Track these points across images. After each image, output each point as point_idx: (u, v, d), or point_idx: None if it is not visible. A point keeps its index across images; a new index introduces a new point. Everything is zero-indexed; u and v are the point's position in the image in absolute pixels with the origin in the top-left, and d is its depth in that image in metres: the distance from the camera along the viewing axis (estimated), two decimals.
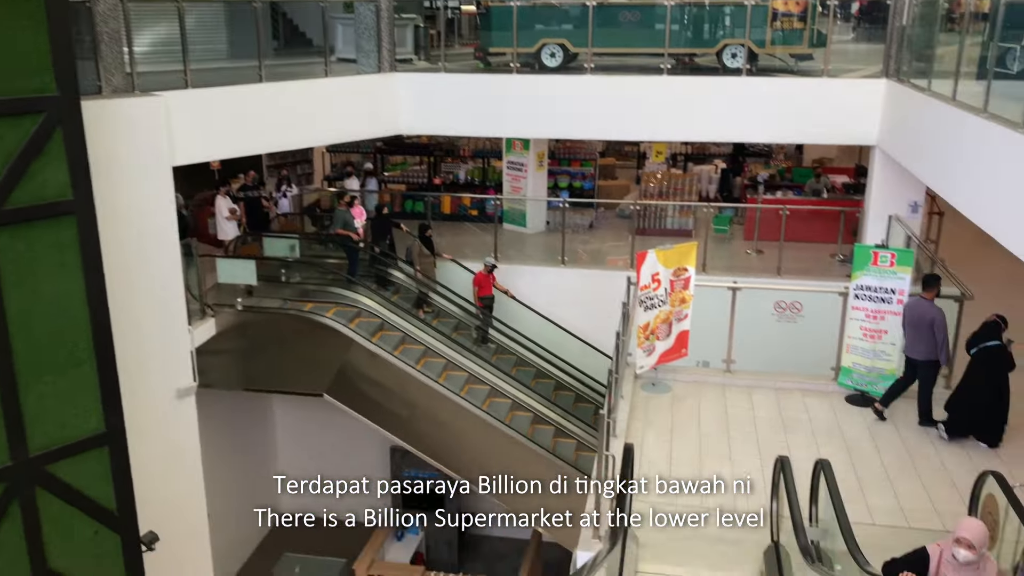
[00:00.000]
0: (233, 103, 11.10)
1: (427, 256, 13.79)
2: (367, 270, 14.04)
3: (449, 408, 12.11)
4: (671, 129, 13.74)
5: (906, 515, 7.66)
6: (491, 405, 12.37)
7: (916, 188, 12.86)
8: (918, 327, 9.06)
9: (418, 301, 13.96)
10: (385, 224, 14.44)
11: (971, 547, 5.26)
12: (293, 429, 15.99)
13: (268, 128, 11.70)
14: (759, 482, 8.14)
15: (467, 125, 14.49)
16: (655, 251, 9.57)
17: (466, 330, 13.88)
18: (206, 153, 11.21)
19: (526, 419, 12.56)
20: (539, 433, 12.43)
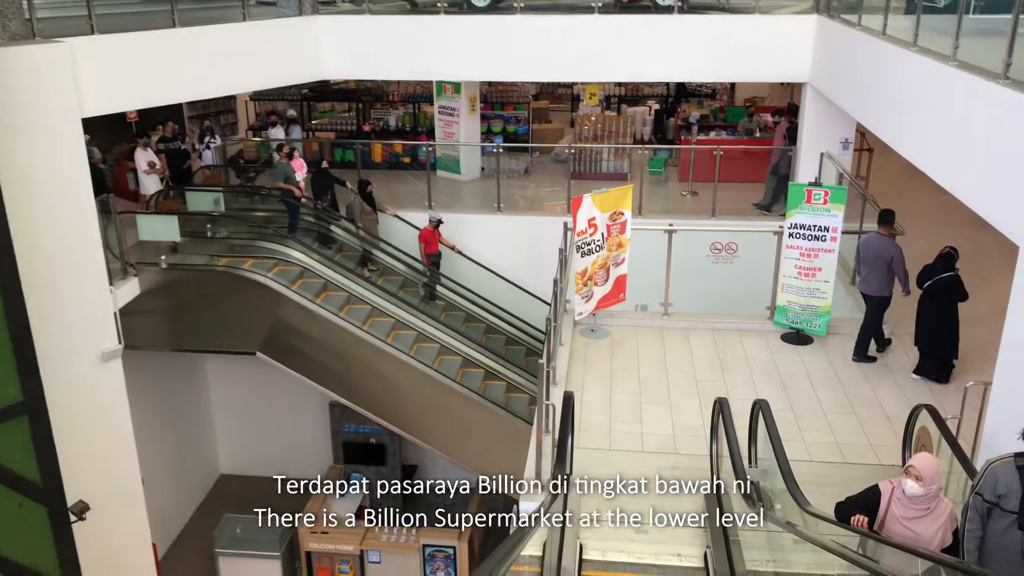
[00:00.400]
0: (145, 49, 10.48)
1: (369, 213, 13.37)
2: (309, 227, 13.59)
3: (394, 365, 11.88)
4: (603, 70, 13.48)
5: (842, 451, 7.77)
6: (441, 363, 12.17)
7: (847, 125, 12.90)
8: (875, 264, 9.05)
9: (362, 259, 13.59)
10: (325, 179, 13.90)
11: (919, 479, 5.15)
12: (228, 388, 15.62)
13: (184, 76, 11.11)
14: (697, 422, 8.21)
15: (395, 69, 14.02)
16: (591, 195, 9.42)
17: (413, 287, 13.58)
18: (118, 103, 10.60)
19: (477, 375, 12.39)
20: (491, 389, 12.30)
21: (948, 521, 5.30)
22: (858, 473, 7.41)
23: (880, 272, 9.07)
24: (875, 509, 5.40)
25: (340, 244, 13.76)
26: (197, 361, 15.24)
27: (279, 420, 15.48)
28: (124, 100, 10.74)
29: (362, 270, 13.22)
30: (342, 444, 14.39)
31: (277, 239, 12.76)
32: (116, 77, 10.12)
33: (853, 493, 7.08)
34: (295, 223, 13.24)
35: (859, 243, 9.39)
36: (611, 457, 7.67)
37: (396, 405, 11.90)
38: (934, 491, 5.23)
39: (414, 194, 15.19)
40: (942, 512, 5.28)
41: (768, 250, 9.91)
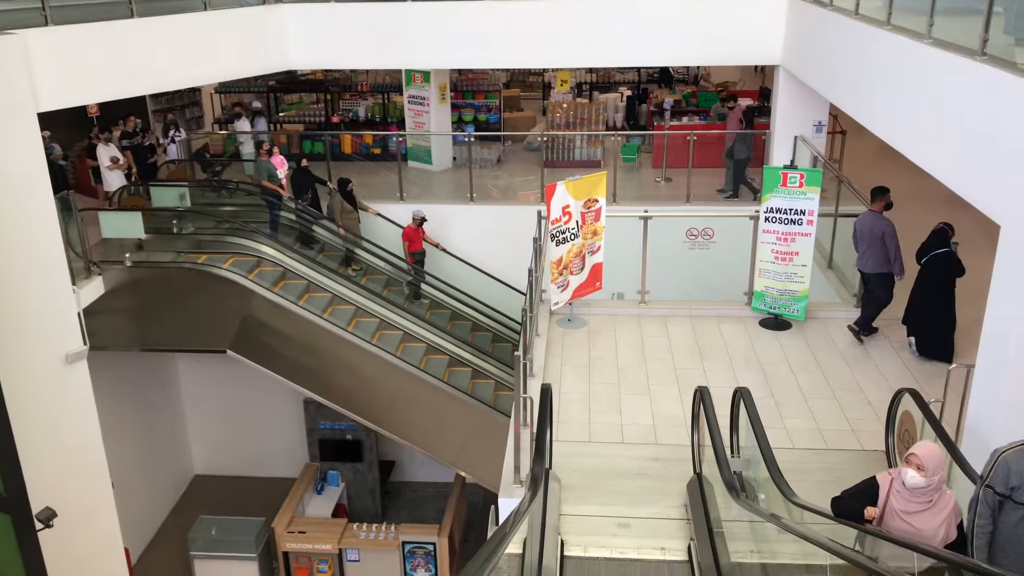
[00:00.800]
0: (102, 41, 10.16)
1: (350, 212, 13.07)
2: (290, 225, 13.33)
3: (366, 359, 11.67)
4: (574, 55, 13.27)
5: (824, 437, 7.67)
6: (414, 355, 11.98)
7: (820, 108, 12.84)
8: (870, 241, 9.02)
9: (346, 259, 13.31)
10: (305, 178, 13.54)
11: (921, 468, 4.78)
12: (200, 387, 15.32)
13: (143, 68, 10.78)
14: (677, 411, 8.08)
15: (362, 58, 13.76)
16: (564, 183, 9.25)
17: (397, 287, 13.37)
18: (75, 97, 10.23)
19: (455, 369, 12.22)
20: (465, 380, 12.13)
21: (952, 515, 4.89)
22: (841, 459, 7.34)
23: (876, 249, 9.00)
24: (872, 503, 5.05)
25: (322, 244, 13.48)
26: (167, 360, 14.93)
27: (253, 418, 15.22)
28: (81, 93, 10.38)
29: (346, 270, 12.97)
30: (318, 441, 14.19)
31: (246, 234, 12.48)
32: (72, 70, 9.80)
33: (837, 480, 7.05)
34: (276, 223, 12.95)
35: (856, 221, 9.34)
36: (591, 449, 7.53)
37: (370, 400, 11.68)
38: (936, 482, 4.82)
39: (385, 186, 14.95)
40: (945, 505, 4.87)
41: (744, 235, 9.80)
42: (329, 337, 11.54)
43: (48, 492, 9.40)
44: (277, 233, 12.88)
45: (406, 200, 14.20)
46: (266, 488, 14.71)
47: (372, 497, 14.42)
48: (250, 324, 11.61)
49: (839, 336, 9.50)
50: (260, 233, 12.50)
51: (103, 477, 11.14)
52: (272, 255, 12.07)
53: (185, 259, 11.77)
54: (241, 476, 15.56)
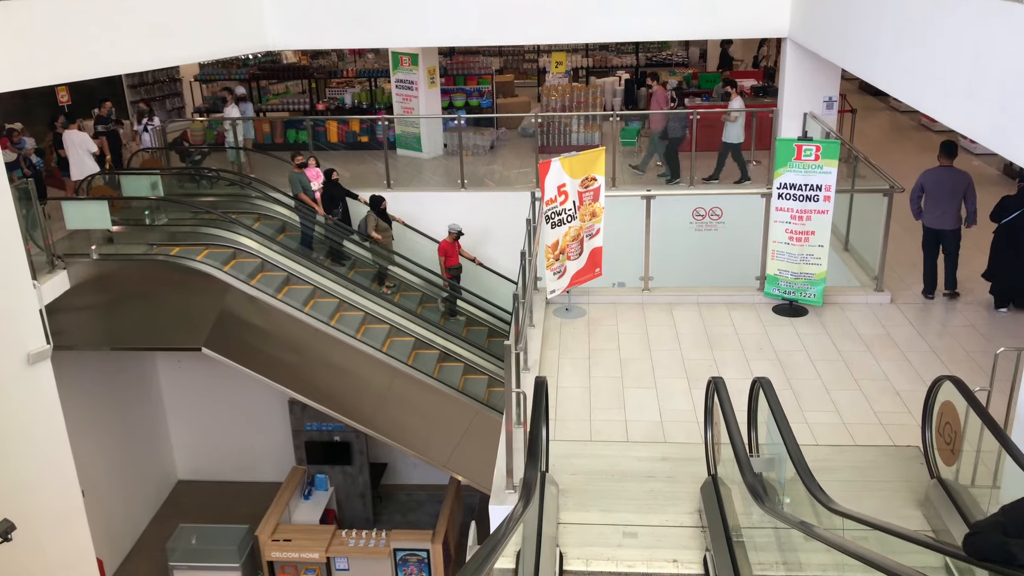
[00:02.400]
0: (58, 17, 9.41)
1: (385, 229, 12.25)
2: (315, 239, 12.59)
3: (352, 354, 10.91)
4: (566, 30, 12.50)
5: (850, 431, 6.94)
6: (400, 349, 11.25)
7: (831, 82, 12.12)
8: (948, 198, 8.91)
9: (379, 276, 12.58)
10: (336, 191, 12.67)
11: None
12: (182, 387, 14.58)
13: (105, 48, 10.04)
14: (687, 406, 7.37)
15: (344, 37, 12.98)
16: (559, 159, 8.51)
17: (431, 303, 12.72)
18: (29, 78, 9.51)
19: (456, 369, 11.47)
20: (459, 377, 11.39)
21: None
22: (870, 456, 6.61)
23: (955, 205, 8.94)
24: None
25: (353, 260, 12.74)
26: (145, 360, 14.20)
27: (238, 420, 14.50)
28: (34, 74, 9.63)
29: (379, 287, 12.26)
30: (304, 444, 13.44)
31: (223, 225, 11.73)
32: (25, 49, 9.07)
33: (866, 479, 6.35)
34: (309, 237, 12.27)
35: (921, 180, 9.11)
36: (592, 449, 6.79)
37: (356, 399, 10.95)
38: None
39: (373, 174, 14.21)
40: None
41: (755, 214, 9.07)
42: (311, 332, 10.81)
43: (11, 501, 8.74)
44: (311, 250, 12.19)
45: (393, 188, 13.46)
46: (252, 493, 14.00)
47: (363, 501, 13.68)
48: (227, 320, 10.87)
49: (860, 322, 8.78)
50: (239, 224, 11.75)
51: (72, 484, 10.43)
52: (250, 246, 11.34)
53: (157, 251, 11.03)
54: (226, 481, 14.83)
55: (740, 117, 13.34)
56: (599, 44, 21.38)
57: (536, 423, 5.47)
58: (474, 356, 11.72)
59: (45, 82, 10.18)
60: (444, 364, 11.34)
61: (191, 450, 15.02)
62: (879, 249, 9.18)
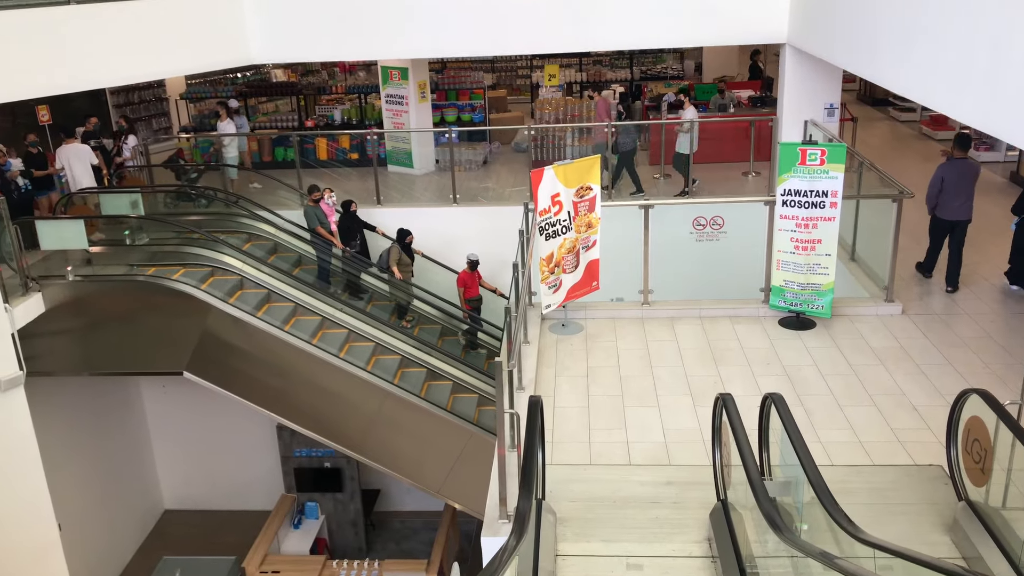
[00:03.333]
0: (30, 31, 9.05)
1: (408, 265, 11.79)
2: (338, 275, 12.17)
3: (339, 377, 10.44)
4: (557, 38, 12.11)
5: (867, 450, 6.49)
6: (397, 373, 10.79)
7: (832, 88, 11.76)
8: (966, 188, 9.18)
9: (400, 310, 12.13)
10: (353, 223, 12.18)
11: None
12: (167, 414, 14.12)
13: (81, 61, 9.68)
14: (692, 425, 6.93)
15: (330, 49, 12.57)
16: (553, 167, 8.12)
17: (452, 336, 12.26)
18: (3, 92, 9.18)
19: (444, 388, 11.02)
20: (460, 403, 10.92)
21: None
22: (890, 476, 6.17)
23: (968, 196, 9.22)
24: None
25: (371, 293, 12.30)
26: (130, 385, 13.75)
27: (226, 447, 14.03)
28: (9, 88, 9.30)
29: (399, 322, 11.82)
30: (293, 471, 12.98)
31: (207, 244, 11.30)
32: None
33: (886, 502, 5.91)
34: (326, 271, 11.87)
35: (940, 172, 9.29)
36: (592, 473, 6.35)
37: (344, 423, 10.49)
38: None
39: (363, 191, 13.80)
40: None
41: (759, 223, 8.67)
42: (296, 353, 10.35)
43: None
44: (328, 284, 11.77)
45: (383, 204, 13.06)
46: (240, 522, 13.51)
47: (355, 530, 13.20)
48: (209, 342, 10.43)
49: (871, 334, 8.35)
50: (224, 243, 11.32)
51: (47, 517, 9.98)
52: (230, 264, 10.89)
53: (136, 272, 10.60)
54: (214, 510, 14.34)
55: (692, 128, 13.02)
56: (593, 59, 21.08)
57: (531, 446, 5.04)
58: (465, 375, 11.26)
59: (19, 96, 9.82)
60: (432, 383, 10.88)
61: (178, 478, 14.52)
62: (888, 258, 8.77)
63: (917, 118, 17.51)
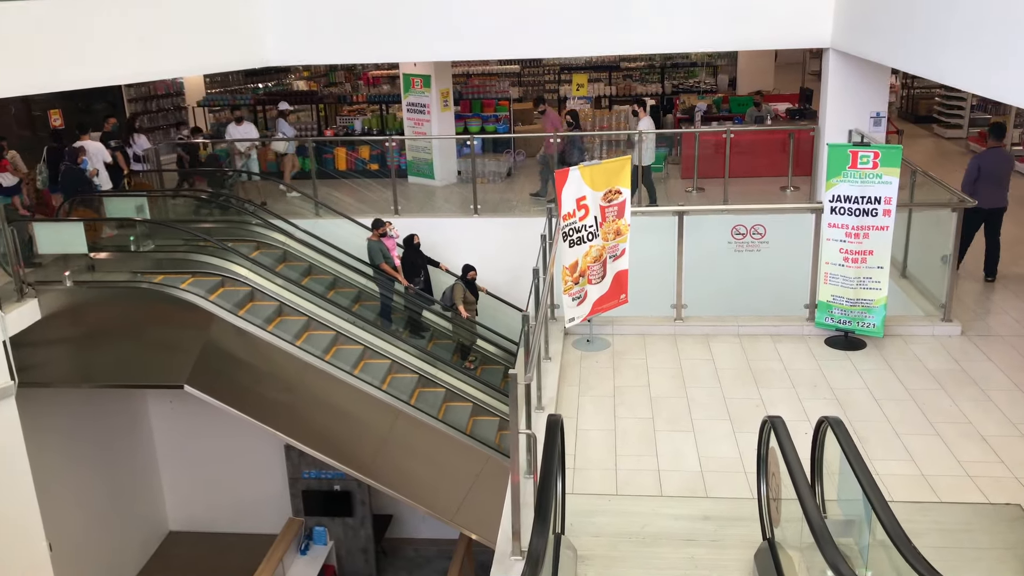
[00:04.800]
0: (26, 25, 8.58)
1: (472, 303, 11.21)
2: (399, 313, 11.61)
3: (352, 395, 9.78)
4: (587, 42, 11.51)
5: (932, 485, 5.72)
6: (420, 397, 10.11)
7: (879, 96, 11.05)
8: (1001, 177, 9.23)
9: (462, 350, 11.55)
10: (417, 257, 11.56)
11: None
12: (175, 430, 13.54)
13: (82, 59, 9.19)
14: (732, 453, 6.19)
15: (348, 51, 12.02)
16: (579, 168, 7.45)
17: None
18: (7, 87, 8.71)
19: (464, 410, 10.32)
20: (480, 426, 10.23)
21: None
22: (961, 516, 5.40)
23: (1004, 185, 9.26)
24: None
25: (432, 331, 11.72)
26: (135, 399, 13.19)
27: (233, 466, 13.41)
28: (12, 83, 8.82)
29: (462, 362, 11.24)
30: (301, 493, 12.35)
31: (216, 252, 10.75)
32: None
33: (959, 545, 5.15)
34: (388, 308, 11.32)
35: (978, 162, 9.27)
36: (619, 505, 5.62)
37: (356, 445, 9.85)
38: None
39: (381, 201, 13.23)
40: None
41: (804, 232, 7.94)
42: (305, 369, 9.72)
43: None
44: (390, 322, 11.19)
45: (401, 215, 12.47)
46: (246, 546, 12.87)
47: (365, 557, 12.52)
48: (213, 355, 9.84)
49: (928, 356, 7.58)
50: (234, 252, 10.76)
51: (35, 535, 9.37)
52: (240, 273, 10.32)
53: (140, 279, 10.07)
54: (220, 532, 13.71)
55: (649, 139, 12.44)
56: (623, 73, 20.49)
57: (547, 473, 4.34)
58: (484, 395, 10.57)
59: (22, 91, 9.37)
60: (450, 404, 10.20)
61: (184, 498, 13.91)
62: (947, 273, 8.00)
63: (964, 135, 16.71)
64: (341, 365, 9.82)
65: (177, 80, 17.74)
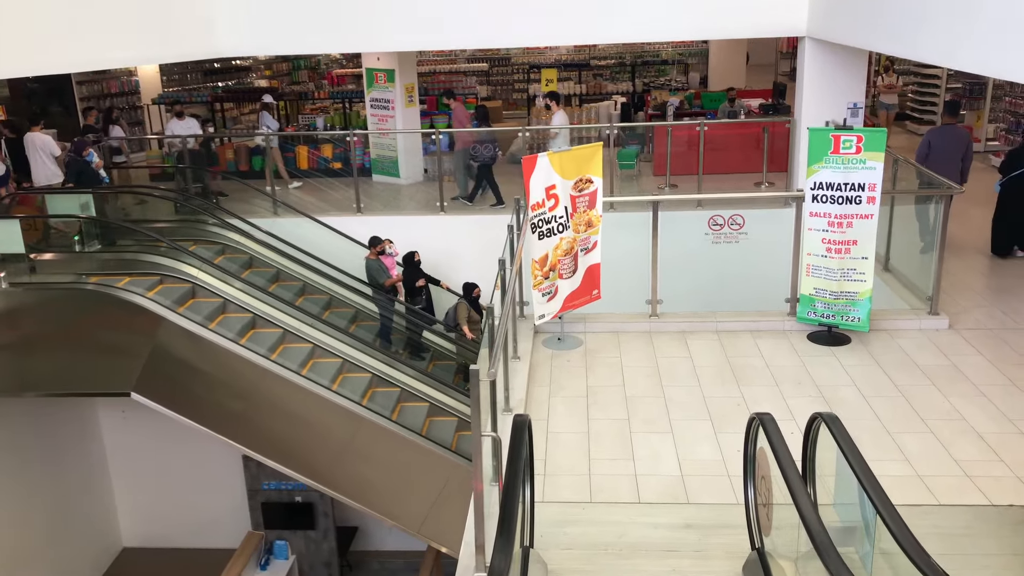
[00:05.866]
0: None
1: (477, 323, 10.69)
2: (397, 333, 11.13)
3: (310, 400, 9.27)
4: (568, 30, 11.09)
5: (928, 486, 5.31)
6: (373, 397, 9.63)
7: (855, 86, 10.69)
8: (951, 154, 9.30)
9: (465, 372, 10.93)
10: (418, 276, 11.01)
11: None
12: (128, 441, 12.81)
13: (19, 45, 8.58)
14: (714, 455, 5.76)
15: (307, 40, 11.43)
16: (547, 154, 7.01)
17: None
18: None
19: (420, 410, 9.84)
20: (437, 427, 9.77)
21: None
22: (961, 519, 5.00)
23: (955, 163, 9.29)
24: None
25: (432, 352, 11.22)
26: (85, 409, 12.50)
27: (191, 478, 12.73)
28: None
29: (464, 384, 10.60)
30: (261, 505, 11.75)
31: (171, 254, 10.18)
32: None
33: (963, 551, 4.75)
34: (388, 329, 10.81)
35: (928, 137, 9.53)
36: (593, 513, 5.16)
37: (315, 453, 9.29)
38: None
39: (344, 200, 12.72)
40: None
41: (784, 222, 7.57)
42: (260, 372, 9.18)
43: None
44: (390, 343, 10.71)
45: (364, 213, 11.97)
46: (204, 562, 12.17)
47: (328, 571, 11.93)
48: (162, 360, 9.25)
49: (916, 351, 7.21)
50: (188, 253, 10.19)
51: None
52: (183, 271, 9.78)
53: (82, 281, 9.47)
54: (176, 548, 13.02)
55: (561, 134, 12.17)
56: (594, 72, 20.11)
57: (513, 480, 3.87)
58: (444, 396, 10.09)
59: None
60: (406, 404, 9.70)
61: (138, 513, 13.22)
62: (933, 265, 7.65)
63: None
64: (292, 366, 9.29)
65: (133, 79, 17.09)
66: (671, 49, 20.82)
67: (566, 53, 20.92)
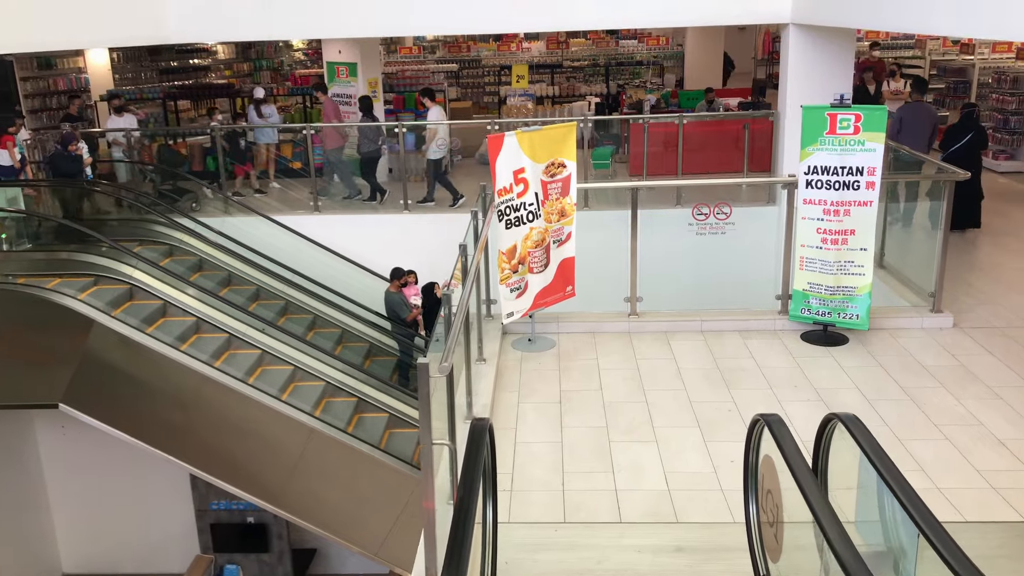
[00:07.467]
0: None
1: None
2: None
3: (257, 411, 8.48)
4: (531, 15, 10.46)
5: (950, 499, 4.65)
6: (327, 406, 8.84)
7: (843, 76, 10.15)
8: (920, 130, 9.51)
9: None
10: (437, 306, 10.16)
11: None
12: (67, 459, 11.92)
13: None
14: (704, 467, 5.07)
15: (264, 27, 10.67)
16: (515, 133, 6.32)
17: None
18: None
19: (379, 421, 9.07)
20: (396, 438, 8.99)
21: None
22: (995, 538, 4.35)
23: (924, 139, 9.54)
24: None
25: None
26: (21, 424, 11.59)
27: (135, 498, 11.83)
28: None
29: None
30: (210, 527, 10.91)
31: (109, 254, 9.38)
32: None
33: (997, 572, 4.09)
34: (407, 366, 10.15)
35: (900, 114, 9.59)
36: (568, 536, 4.43)
37: (263, 469, 8.50)
38: None
39: (302, 200, 11.96)
40: None
41: (775, 212, 6.91)
42: (197, 379, 8.38)
43: None
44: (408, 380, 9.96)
45: (322, 211, 11.22)
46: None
47: None
48: (94, 368, 8.42)
49: (920, 351, 6.58)
50: (128, 253, 9.40)
51: None
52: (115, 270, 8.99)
53: (9, 281, 8.64)
54: (120, 574, 12.11)
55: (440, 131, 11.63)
56: (567, 74, 19.52)
57: (467, 496, 3.13)
58: (405, 407, 9.33)
59: None
60: (364, 415, 8.94)
61: (79, 536, 12.27)
62: (936, 259, 7.04)
63: None
64: (236, 373, 8.51)
65: (82, 75, 16.22)
66: (645, 51, 20.28)
67: (538, 55, 20.32)
